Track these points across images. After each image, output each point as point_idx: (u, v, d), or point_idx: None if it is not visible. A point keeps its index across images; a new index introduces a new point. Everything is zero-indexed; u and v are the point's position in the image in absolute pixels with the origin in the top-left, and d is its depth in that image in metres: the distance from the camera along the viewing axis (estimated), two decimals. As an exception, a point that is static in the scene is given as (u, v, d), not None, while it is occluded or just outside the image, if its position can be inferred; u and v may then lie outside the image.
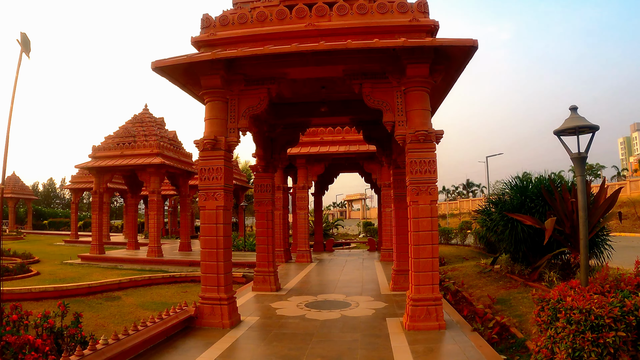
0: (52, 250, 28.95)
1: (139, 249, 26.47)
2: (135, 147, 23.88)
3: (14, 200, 50.24)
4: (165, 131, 26.40)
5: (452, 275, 14.00)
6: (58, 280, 15.80)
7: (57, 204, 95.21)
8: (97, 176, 24.58)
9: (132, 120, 25.84)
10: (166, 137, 25.56)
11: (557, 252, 10.78)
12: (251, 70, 8.37)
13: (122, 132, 24.98)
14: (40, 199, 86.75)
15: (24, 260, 20.61)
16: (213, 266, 8.12)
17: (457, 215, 54.68)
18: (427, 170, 7.61)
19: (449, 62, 7.75)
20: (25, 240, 37.86)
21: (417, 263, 7.61)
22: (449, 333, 7.25)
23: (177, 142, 27.13)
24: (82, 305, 12.17)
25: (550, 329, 4.91)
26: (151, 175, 23.19)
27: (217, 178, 8.20)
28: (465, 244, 25.08)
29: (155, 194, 23.10)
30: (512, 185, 12.83)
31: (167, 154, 24.08)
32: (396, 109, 7.87)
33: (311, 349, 6.62)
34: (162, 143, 23.99)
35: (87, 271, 18.87)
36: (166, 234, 41.70)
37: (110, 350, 5.71)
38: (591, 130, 5.46)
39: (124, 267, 20.53)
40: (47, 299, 12.66)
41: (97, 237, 24.08)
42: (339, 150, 19.11)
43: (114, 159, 23.87)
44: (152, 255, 22.28)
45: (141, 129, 24.97)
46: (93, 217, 24.96)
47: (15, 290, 13.02)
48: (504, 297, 10.00)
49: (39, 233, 49.42)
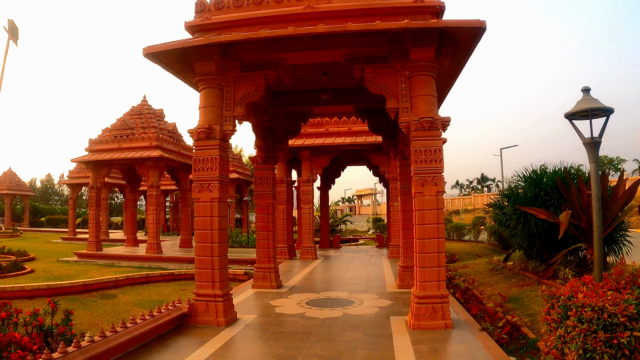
0: (48, 248, 29.07)
1: (138, 246, 26.47)
2: (133, 140, 23.87)
3: (10, 197, 50.58)
4: (165, 123, 26.40)
5: (463, 273, 13.87)
6: (52, 278, 15.82)
7: (55, 201, 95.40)
8: (94, 170, 24.62)
9: (130, 112, 25.82)
10: (165, 130, 25.55)
11: (572, 248, 10.60)
12: (247, 55, 8.27)
13: (119, 124, 24.96)
14: (38, 195, 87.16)
15: (18, 257, 20.63)
16: (208, 261, 8.05)
17: (471, 210, 54.46)
18: (432, 159, 7.48)
19: (456, 45, 7.60)
20: (21, 237, 38.07)
21: (422, 258, 7.50)
22: (456, 333, 7.13)
23: (177, 135, 27.12)
24: (76, 304, 12.17)
25: (560, 328, 4.75)
26: (150, 169, 23.19)
27: (212, 169, 8.12)
28: (478, 241, 24.94)
29: (154, 188, 23.09)
30: (526, 177, 12.63)
31: (166, 147, 24.04)
32: (400, 95, 7.73)
33: (309, 348, 6.53)
34: (161, 135, 23.96)
35: (84, 269, 18.90)
36: (167, 231, 41.77)
37: (96, 347, 5.65)
38: (605, 113, 5.29)
39: (122, 265, 20.57)
40: (40, 297, 12.64)
41: (94, 233, 24.14)
42: (344, 142, 18.96)
43: (111, 152, 23.87)
44: (151, 252, 22.27)
45: (139, 121, 24.96)
46: (90, 213, 25.02)
47: (7, 288, 13.04)
48: (516, 295, 9.87)
49: (36, 230, 49.61)
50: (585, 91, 5.45)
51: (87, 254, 23.12)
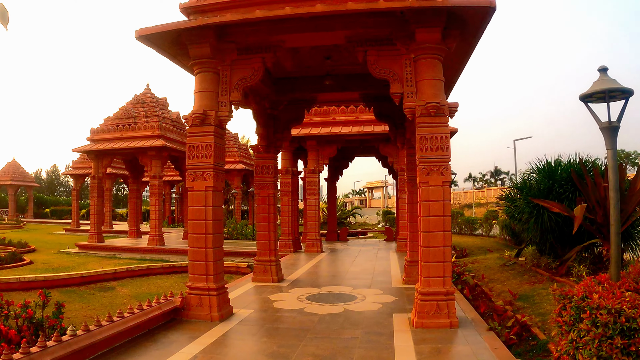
0: (50, 239, 29.11)
1: (141, 238, 26.39)
2: (136, 129, 23.70)
3: (13, 188, 50.81)
4: (168, 112, 26.17)
5: (473, 268, 13.57)
6: (51, 270, 15.73)
7: (61, 192, 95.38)
8: (96, 160, 24.49)
9: (132, 101, 25.65)
10: (169, 119, 25.33)
11: (587, 244, 10.29)
12: (244, 38, 7.99)
13: (122, 113, 24.82)
14: (43, 186, 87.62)
15: (18, 249, 20.61)
16: (201, 252, 7.83)
17: (483, 204, 53.88)
18: (439, 147, 7.17)
19: (465, 26, 7.26)
20: (24, 229, 38.24)
21: (426, 252, 7.22)
22: (462, 332, 6.84)
23: (181, 124, 26.86)
24: (72, 296, 12.06)
25: (573, 332, 4.40)
26: (152, 158, 23.00)
27: (206, 156, 7.87)
28: (490, 235, 24.62)
29: (157, 178, 22.92)
30: (539, 169, 12.28)
31: (169, 136, 23.84)
32: (404, 79, 7.41)
33: (304, 346, 6.27)
34: (164, 124, 23.77)
35: (84, 260, 18.84)
36: (172, 222, 41.78)
37: (77, 342, 5.43)
38: (624, 94, 4.93)
39: (123, 257, 20.50)
40: (36, 289, 12.50)
41: (95, 225, 24.06)
42: (352, 131, 18.60)
43: (113, 141, 23.73)
44: (153, 244, 22.17)
45: (142, 110, 24.78)
46: (91, 203, 24.94)
47: (2, 279, 12.93)
48: (528, 293, 9.57)
49: (40, 222, 49.89)
50: (602, 71, 5.08)
51: (88, 245, 23.07)
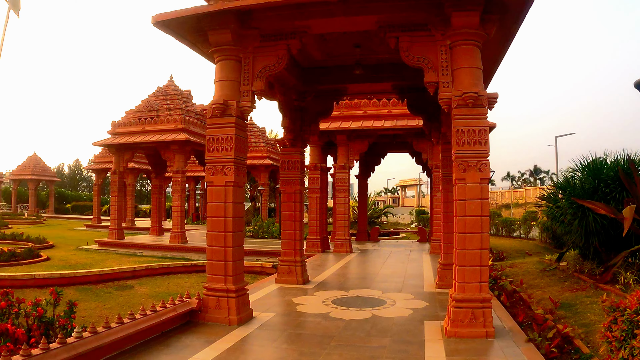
0: (70, 235, 29.51)
1: (163, 235, 26.59)
2: (158, 122, 23.84)
3: (34, 183, 51.66)
4: (192, 105, 26.25)
5: (510, 273, 13.20)
6: (68, 267, 15.87)
7: (83, 187, 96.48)
8: (117, 154, 24.69)
9: (155, 94, 25.81)
10: (193, 112, 25.40)
11: (635, 249, 9.86)
12: (267, 23, 7.80)
13: (144, 106, 24.97)
14: (65, 181, 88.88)
15: (35, 245, 20.88)
16: (220, 252, 7.68)
17: (522, 205, 52.93)
18: (476, 141, 6.87)
19: (505, 10, 6.95)
20: (44, 224, 38.86)
21: (462, 255, 6.94)
22: (498, 343, 6.54)
23: (206, 117, 26.94)
24: (89, 294, 12.10)
25: (624, 349, 4.10)
26: (175, 153, 23.10)
27: (226, 149, 7.73)
28: (529, 237, 24.08)
29: (179, 173, 23.00)
30: (583, 167, 11.85)
31: (193, 130, 23.89)
32: (440, 67, 7.13)
33: (326, 355, 6.07)
34: (187, 118, 23.82)
35: (103, 257, 18.99)
36: (197, 219, 41.95)
37: (84, 345, 5.33)
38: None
39: (143, 254, 20.61)
40: (52, 286, 12.56)
41: (115, 221, 24.30)
42: (384, 125, 18.29)
43: (135, 135, 23.89)
44: (175, 242, 22.26)
45: (165, 103, 24.88)
46: (112, 199, 25.20)
47: (17, 276, 13.07)
48: (570, 301, 9.20)
49: (61, 217, 50.70)
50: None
51: (108, 242, 23.30)
